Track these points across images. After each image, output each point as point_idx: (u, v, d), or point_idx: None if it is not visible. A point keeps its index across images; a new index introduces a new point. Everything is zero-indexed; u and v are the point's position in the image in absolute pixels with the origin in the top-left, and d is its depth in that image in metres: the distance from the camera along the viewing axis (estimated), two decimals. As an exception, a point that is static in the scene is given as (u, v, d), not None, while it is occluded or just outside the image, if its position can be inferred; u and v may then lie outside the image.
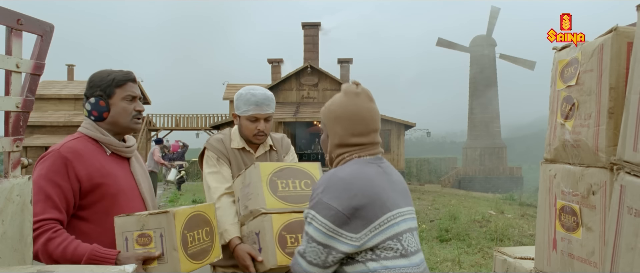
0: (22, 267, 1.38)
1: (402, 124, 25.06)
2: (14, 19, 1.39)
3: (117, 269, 0.97)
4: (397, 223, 1.52)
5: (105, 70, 1.93)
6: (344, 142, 1.63)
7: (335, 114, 1.64)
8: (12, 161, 1.46)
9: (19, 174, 1.47)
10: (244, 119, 2.31)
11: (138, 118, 1.95)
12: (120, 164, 1.93)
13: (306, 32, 26.41)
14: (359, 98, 1.63)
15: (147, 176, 2.08)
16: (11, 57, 1.41)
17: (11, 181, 1.43)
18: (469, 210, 13.46)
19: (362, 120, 1.61)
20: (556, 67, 1.70)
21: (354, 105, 1.62)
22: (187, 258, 1.73)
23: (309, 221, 1.51)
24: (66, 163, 1.75)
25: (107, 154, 1.89)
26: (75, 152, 1.78)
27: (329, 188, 1.50)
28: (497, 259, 2.06)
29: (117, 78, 1.89)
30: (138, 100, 1.96)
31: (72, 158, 1.77)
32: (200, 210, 1.88)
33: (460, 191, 27.05)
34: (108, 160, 1.88)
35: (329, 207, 1.47)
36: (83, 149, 1.82)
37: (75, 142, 1.83)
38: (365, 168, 1.58)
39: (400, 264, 1.49)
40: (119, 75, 1.90)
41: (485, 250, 7.98)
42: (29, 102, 1.54)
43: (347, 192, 1.48)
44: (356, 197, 1.47)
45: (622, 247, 1.26)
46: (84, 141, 1.86)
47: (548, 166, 1.75)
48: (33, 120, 26.16)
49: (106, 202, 1.81)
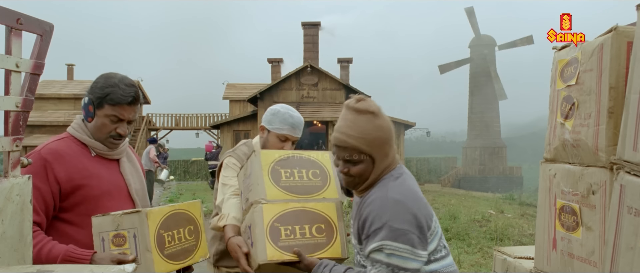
0: (21, 266, 1.38)
1: (402, 123, 25.04)
2: (13, 18, 1.39)
3: (116, 269, 0.97)
4: (438, 225, 1.62)
5: (112, 77, 1.84)
6: (392, 158, 1.62)
7: (381, 140, 1.58)
8: (11, 161, 1.46)
9: (18, 174, 1.47)
10: (274, 136, 2.30)
11: (116, 139, 1.87)
12: (107, 165, 1.90)
13: (306, 31, 26.39)
14: (382, 112, 1.60)
15: (140, 176, 2.04)
16: (11, 57, 1.41)
17: (11, 181, 1.42)
18: (469, 209, 13.46)
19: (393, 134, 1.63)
20: (556, 67, 1.70)
21: (387, 122, 1.60)
22: (164, 259, 1.67)
23: (390, 253, 1.46)
24: (45, 165, 1.74)
25: (92, 155, 1.86)
26: (55, 154, 1.77)
27: (394, 213, 1.48)
28: (497, 259, 2.06)
29: (112, 96, 1.80)
30: (126, 123, 1.86)
31: (52, 160, 1.75)
32: (181, 208, 1.80)
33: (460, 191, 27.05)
34: (93, 162, 1.85)
35: (404, 232, 1.46)
36: (66, 150, 1.80)
37: (59, 143, 1.82)
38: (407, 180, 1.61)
39: (449, 262, 1.62)
40: (117, 92, 1.80)
41: (485, 249, 7.98)
42: (28, 102, 1.53)
43: (409, 212, 1.49)
44: (417, 215, 1.50)
45: (622, 247, 1.26)
46: (69, 142, 1.85)
47: (548, 166, 1.75)
48: (33, 120, 26.14)
49: (88, 204, 1.79)
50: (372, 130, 1.56)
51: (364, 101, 1.59)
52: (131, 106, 1.84)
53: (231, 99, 31.62)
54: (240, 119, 26.09)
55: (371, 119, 1.56)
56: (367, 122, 1.56)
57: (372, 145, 1.56)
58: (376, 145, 1.57)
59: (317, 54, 26.17)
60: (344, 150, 1.59)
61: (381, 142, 1.57)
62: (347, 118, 1.59)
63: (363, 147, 1.56)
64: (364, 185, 1.63)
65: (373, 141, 1.56)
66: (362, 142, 1.55)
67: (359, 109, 1.57)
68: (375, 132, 1.56)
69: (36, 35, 1.51)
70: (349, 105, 1.60)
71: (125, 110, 1.83)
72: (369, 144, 1.56)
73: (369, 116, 1.57)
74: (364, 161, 1.58)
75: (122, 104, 1.81)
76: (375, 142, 1.56)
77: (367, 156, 1.58)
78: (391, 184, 1.57)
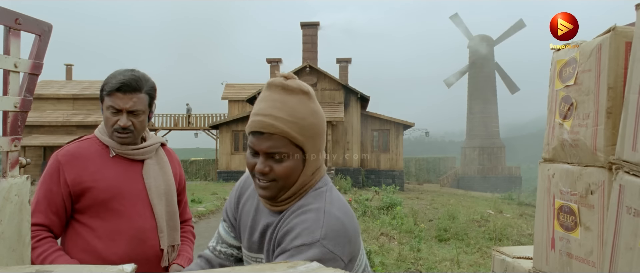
0: (20, 267, 1.38)
1: (401, 123, 25.08)
2: (12, 18, 1.39)
3: (116, 269, 0.97)
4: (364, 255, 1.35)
5: (117, 70, 1.80)
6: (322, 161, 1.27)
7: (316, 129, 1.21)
8: (10, 161, 1.46)
9: (17, 174, 1.47)
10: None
11: (121, 133, 1.77)
12: (127, 167, 1.84)
13: (305, 31, 26.40)
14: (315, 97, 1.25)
15: (167, 179, 1.91)
16: (9, 57, 1.41)
17: (9, 181, 1.42)
18: (468, 209, 13.47)
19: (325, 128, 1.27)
20: (554, 67, 1.70)
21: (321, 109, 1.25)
22: None
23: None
24: (59, 167, 1.75)
25: (110, 156, 1.82)
26: (70, 156, 1.77)
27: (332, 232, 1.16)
28: (495, 259, 2.06)
29: (107, 86, 1.74)
30: (124, 113, 1.74)
31: (65, 162, 1.75)
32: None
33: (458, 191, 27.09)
34: (109, 163, 1.81)
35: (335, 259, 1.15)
36: (82, 152, 1.79)
37: (78, 145, 1.82)
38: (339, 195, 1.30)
39: None
40: (111, 81, 1.74)
41: (483, 249, 7.99)
42: (27, 102, 1.53)
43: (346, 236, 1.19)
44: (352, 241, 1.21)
45: (621, 247, 1.27)
46: (91, 143, 1.83)
47: (546, 166, 1.75)
48: (31, 120, 26.11)
49: (99, 206, 1.77)
50: (307, 114, 1.19)
51: (294, 79, 1.23)
52: (125, 94, 1.71)
53: (230, 99, 31.64)
54: (239, 119, 26.09)
55: (304, 101, 1.20)
56: (300, 104, 1.19)
57: (306, 134, 1.19)
58: (310, 136, 1.20)
59: (316, 54, 26.19)
60: (267, 140, 1.18)
61: (316, 132, 1.21)
62: (273, 98, 1.19)
63: (294, 135, 1.17)
64: (286, 195, 1.24)
65: (307, 128, 1.19)
66: (294, 127, 1.17)
67: (289, 88, 1.19)
68: (310, 117, 1.19)
69: (35, 35, 1.51)
70: (274, 83, 1.21)
71: (119, 99, 1.72)
72: (302, 132, 1.18)
73: (302, 97, 1.20)
74: (292, 157, 1.20)
75: (113, 92, 1.71)
76: (309, 131, 1.20)
77: (297, 150, 1.20)
78: (329, 196, 1.24)
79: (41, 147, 26.41)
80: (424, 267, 6.76)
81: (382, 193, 13.86)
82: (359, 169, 23.64)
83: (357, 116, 24.20)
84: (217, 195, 15.55)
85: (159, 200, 1.86)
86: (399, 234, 9.17)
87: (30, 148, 25.88)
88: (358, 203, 12.17)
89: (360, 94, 24.07)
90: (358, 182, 22.88)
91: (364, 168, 24.31)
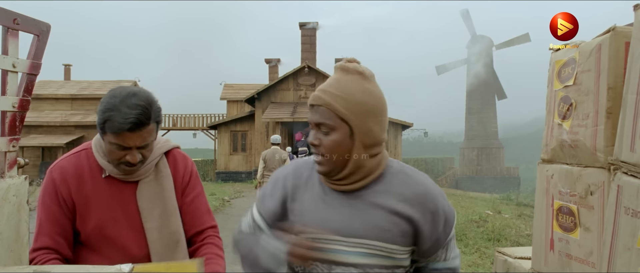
0: (18, 267, 1.37)
1: (400, 124, 25.09)
2: (10, 18, 1.38)
3: (114, 269, 0.97)
4: None
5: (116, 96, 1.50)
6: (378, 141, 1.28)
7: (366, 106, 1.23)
8: (8, 161, 1.46)
9: (15, 174, 1.46)
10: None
11: (128, 166, 1.58)
12: (120, 188, 1.65)
13: (303, 32, 26.39)
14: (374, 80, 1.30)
15: (165, 200, 1.72)
16: (7, 57, 1.41)
17: (7, 181, 1.42)
18: (466, 210, 13.47)
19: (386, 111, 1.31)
20: (553, 67, 1.70)
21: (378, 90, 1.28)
22: None
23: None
24: (54, 185, 1.60)
25: (102, 176, 1.63)
26: (62, 174, 1.61)
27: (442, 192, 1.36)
28: (497, 259, 2.06)
29: (110, 123, 1.47)
30: (135, 150, 1.54)
31: (59, 181, 1.60)
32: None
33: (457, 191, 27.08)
34: (101, 184, 1.63)
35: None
36: (74, 171, 1.62)
37: (71, 160, 1.65)
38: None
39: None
40: (115, 118, 1.46)
41: (482, 250, 7.99)
42: (25, 102, 1.53)
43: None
44: None
45: (619, 247, 1.26)
46: (84, 157, 1.65)
47: (545, 166, 1.75)
48: (29, 120, 26.06)
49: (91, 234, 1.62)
50: (357, 91, 1.22)
51: (355, 63, 1.29)
52: (134, 132, 1.49)
53: (228, 100, 31.62)
54: (237, 120, 26.07)
55: (358, 80, 1.25)
56: (353, 82, 1.24)
57: (352, 108, 1.21)
58: (358, 111, 1.22)
59: (315, 54, 26.18)
60: (315, 112, 1.25)
61: (365, 109, 1.22)
62: (332, 78, 1.28)
63: (339, 108, 1.20)
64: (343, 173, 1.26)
65: (354, 104, 1.21)
66: (339, 101, 1.21)
67: (347, 68, 1.26)
68: (359, 94, 1.22)
69: (33, 35, 1.51)
70: (336, 66, 1.30)
71: (128, 138, 1.50)
72: (348, 106, 1.21)
73: (357, 76, 1.25)
74: (338, 130, 1.22)
75: (122, 131, 1.47)
76: (357, 106, 1.21)
77: (343, 123, 1.22)
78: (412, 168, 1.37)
79: (40, 148, 26.35)
80: (422, 267, 6.75)
81: (380, 193, 13.80)
82: (357, 169, 23.63)
83: (356, 116, 24.19)
84: (215, 196, 15.52)
85: (152, 224, 1.69)
86: (397, 234, 9.14)
87: (29, 149, 25.82)
88: (357, 204, 12.13)
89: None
90: (357, 183, 22.87)
91: (362, 168, 24.29)
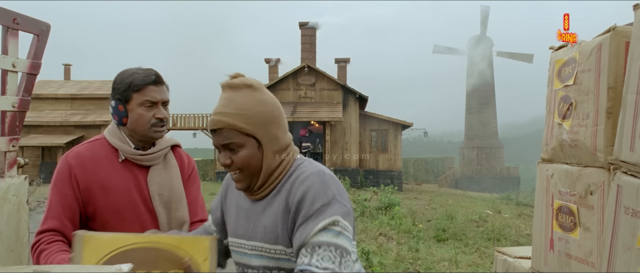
0: (18, 267, 1.38)
1: (399, 123, 25.10)
2: (10, 18, 1.38)
3: (113, 269, 0.97)
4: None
5: (127, 70, 1.77)
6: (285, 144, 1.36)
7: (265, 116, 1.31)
8: (8, 161, 1.46)
9: (15, 174, 1.46)
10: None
11: (159, 126, 1.77)
12: (135, 172, 1.79)
13: (303, 32, 26.39)
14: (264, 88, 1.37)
15: (174, 185, 1.87)
16: (7, 57, 1.41)
17: (7, 181, 1.42)
18: (466, 210, 13.49)
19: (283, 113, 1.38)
20: (553, 67, 1.70)
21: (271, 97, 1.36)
22: None
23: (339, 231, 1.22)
24: (70, 170, 1.70)
25: (119, 161, 1.77)
26: (79, 159, 1.72)
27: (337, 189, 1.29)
28: (497, 259, 2.06)
29: (134, 81, 1.71)
30: (160, 105, 1.77)
31: (75, 165, 1.70)
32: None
33: (457, 191, 27.12)
34: (117, 168, 1.76)
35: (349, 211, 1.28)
36: (91, 156, 1.74)
37: (87, 147, 1.77)
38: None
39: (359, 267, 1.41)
40: (137, 77, 1.72)
41: (482, 249, 8.00)
42: (25, 102, 1.53)
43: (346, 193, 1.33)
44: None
45: (619, 247, 1.27)
46: (100, 145, 1.78)
47: (545, 166, 1.75)
48: (29, 120, 26.05)
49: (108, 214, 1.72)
50: (253, 104, 1.30)
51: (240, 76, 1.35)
52: (157, 86, 1.76)
53: (228, 99, 31.59)
54: (237, 119, 26.08)
55: (249, 93, 1.31)
56: (245, 96, 1.31)
57: (253, 122, 1.29)
58: (259, 123, 1.30)
59: (315, 54, 26.19)
60: (219, 134, 1.31)
61: (265, 118, 1.31)
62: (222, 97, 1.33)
63: (241, 125, 1.28)
64: (260, 180, 1.33)
65: (254, 117, 1.29)
66: (239, 118, 1.28)
67: (234, 85, 1.32)
68: (256, 107, 1.30)
69: (33, 35, 1.51)
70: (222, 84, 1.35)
71: (154, 91, 1.75)
72: (249, 121, 1.29)
73: (247, 90, 1.32)
74: (246, 145, 1.30)
75: (148, 85, 1.73)
76: (256, 118, 1.30)
77: (250, 138, 1.30)
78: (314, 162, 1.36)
79: (39, 147, 26.34)
80: (422, 267, 6.77)
81: (380, 193, 13.86)
82: (357, 169, 23.64)
83: (356, 116, 24.21)
84: (215, 195, 15.55)
85: (162, 207, 1.83)
86: (397, 234, 9.18)
87: (29, 149, 25.82)
88: (356, 204, 12.16)
89: (358, 94, 24.08)
90: (356, 182, 22.88)
91: (362, 168, 24.31)
